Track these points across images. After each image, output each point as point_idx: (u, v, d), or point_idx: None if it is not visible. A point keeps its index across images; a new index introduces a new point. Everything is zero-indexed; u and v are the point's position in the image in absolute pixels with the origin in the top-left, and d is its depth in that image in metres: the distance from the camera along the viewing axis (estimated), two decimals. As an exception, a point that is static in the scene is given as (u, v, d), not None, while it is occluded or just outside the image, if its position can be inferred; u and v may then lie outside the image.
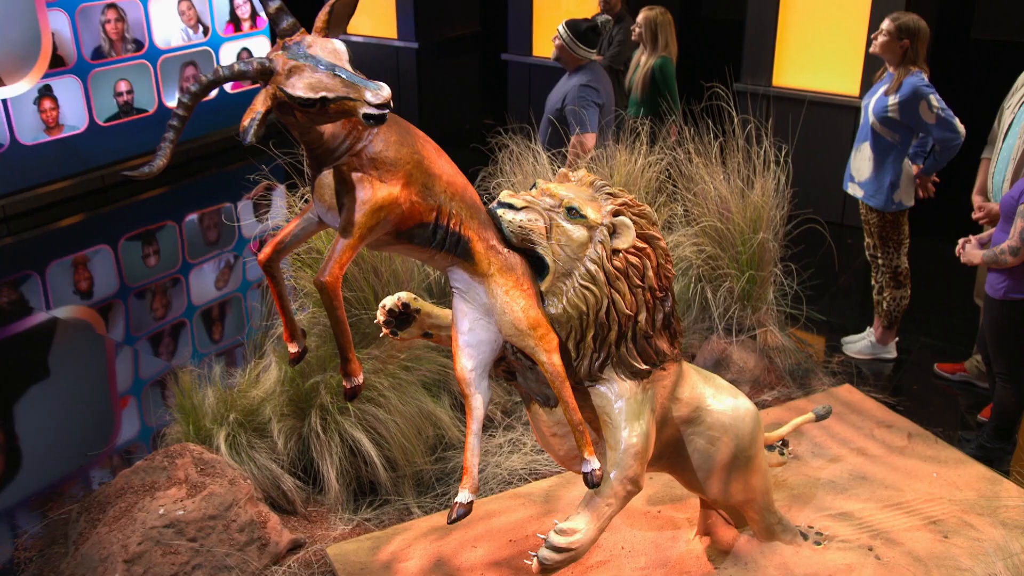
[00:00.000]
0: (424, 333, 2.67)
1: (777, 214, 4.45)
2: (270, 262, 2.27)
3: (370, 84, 1.83)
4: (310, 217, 2.26)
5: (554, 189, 2.47)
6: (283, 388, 3.69)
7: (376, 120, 1.83)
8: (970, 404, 4.62)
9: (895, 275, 4.74)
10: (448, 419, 3.96)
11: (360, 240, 2.08)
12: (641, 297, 2.48)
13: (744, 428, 2.86)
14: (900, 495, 3.51)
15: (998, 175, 4.06)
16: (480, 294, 2.37)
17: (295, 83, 1.82)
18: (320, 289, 2.07)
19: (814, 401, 4.33)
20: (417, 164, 2.15)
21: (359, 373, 2.28)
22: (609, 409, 2.52)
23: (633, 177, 4.35)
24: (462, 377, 2.41)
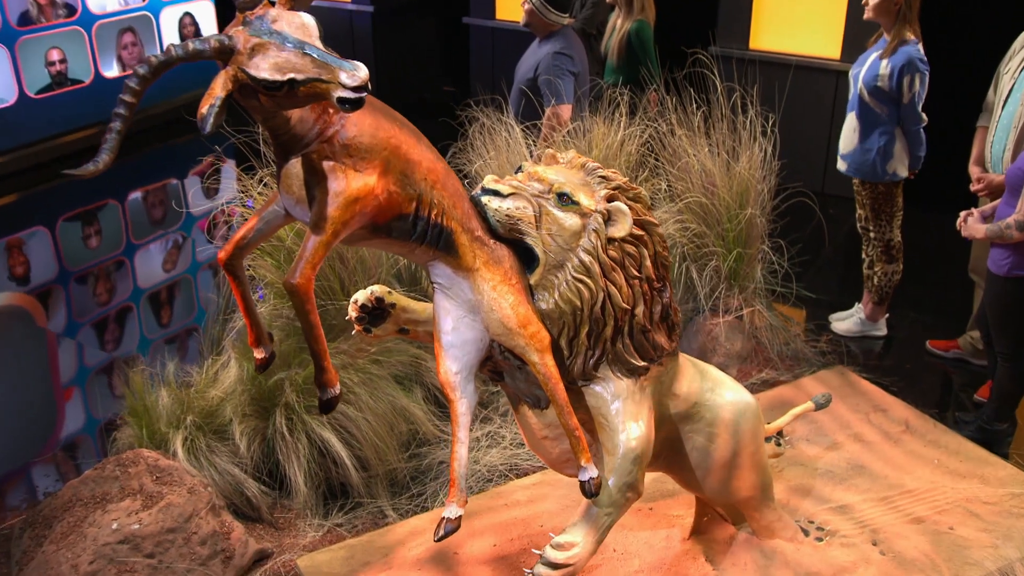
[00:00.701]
0: (400, 329, 2.56)
1: (764, 187, 4.37)
2: (232, 261, 2.12)
3: (345, 64, 1.67)
4: (275, 210, 2.11)
5: (543, 173, 2.34)
6: (244, 386, 3.55)
7: (352, 105, 1.69)
8: (964, 382, 4.61)
9: (887, 249, 4.69)
10: (422, 413, 3.85)
11: (334, 236, 1.94)
12: (638, 289, 2.37)
13: (745, 423, 2.78)
14: (902, 484, 3.47)
15: (997, 144, 4.01)
16: (464, 290, 2.24)
17: (259, 63, 1.67)
18: (290, 292, 1.93)
19: (803, 389, 4.28)
20: (395, 150, 2.01)
21: (336, 383, 2.15)
22: (605, 410, 2.42)
23: (613, 151, 4.23)
24: (446, 381, 2.29)
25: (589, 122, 4.39)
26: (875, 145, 4.43)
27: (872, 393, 4.19)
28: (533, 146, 4.38)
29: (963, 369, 4.68)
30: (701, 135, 4.34)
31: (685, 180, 4.30)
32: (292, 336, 3.62)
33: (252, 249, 2.20)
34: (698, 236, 4.33)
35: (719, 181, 4.27)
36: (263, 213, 2.12)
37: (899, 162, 4.46)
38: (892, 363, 4.77)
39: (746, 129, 4.35)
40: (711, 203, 4.29)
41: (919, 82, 4.27)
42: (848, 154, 4.58)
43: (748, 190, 4.29)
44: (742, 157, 4.30)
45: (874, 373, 4.54)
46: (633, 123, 4.39)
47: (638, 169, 4.33)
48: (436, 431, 3.90)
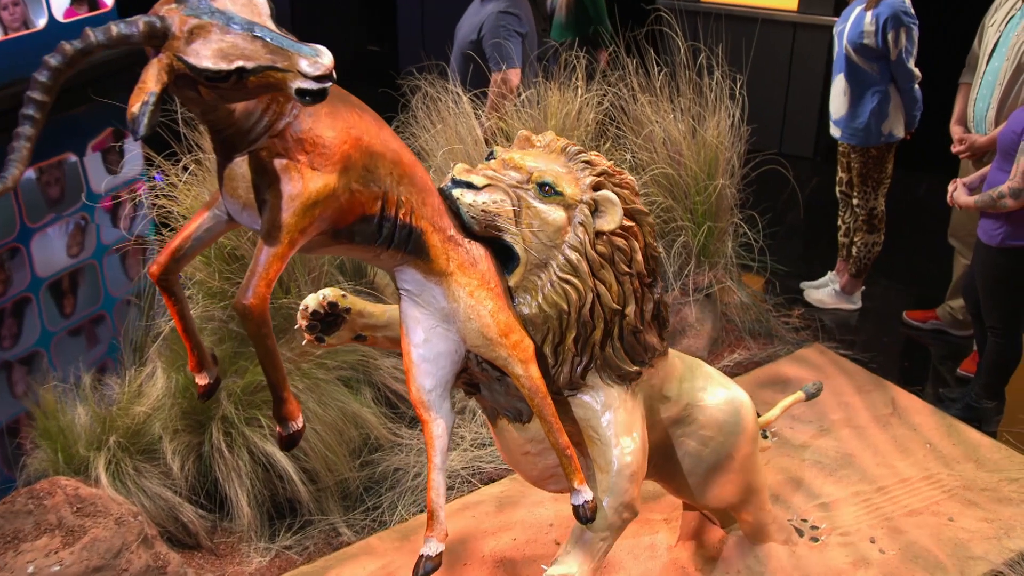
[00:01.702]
0: (356, 336, 2.39)
1: (734, 155, 4.28)
2: (166, 275, 1.91)
3: (304, 49, 1.49)
4: (216, 214, 1.91)
5: (519, 160, 2.18)
6: (174, 399, 3.36)
7: (314, 97, 1.50)
8: (944, 354, 4.63)
9: (870, 217, 4.66)
10: (373, 417, 3.73)
11: (290, 247, 1.76)
12: (628, 286, 2.25)
13: (739, 424, 2.69)
14: (894, 473, 3.45)
15: (981, 102, 3.98)
16: (437, 297, 2.09)
17: (199, 50, 1.47)
18: (242, 315, 1.74)
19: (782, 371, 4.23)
20: (356, 142, 1.83)
21: (298, 415, 1.97)
22: (595, 423, 2.30)
23: (571, 120, 4.08)
24: (419, 400, 2.14)
25: (542, 88, 4.23)
26: (868, 106, 4.38)
27: (855, 373, 4.17)
28: (482, 116, 4.22)
29: (942, 340, 4.69)
30: (665, 100, 4.22)
31: (649, 150, 4.18)
32: (227, 341, 3.42)
33: (190, 260, 2.00)
34: (665, 211, 4.22)
35: (685, 150, 4.17)
36: (201, 219, 1.92)
37: (895, 122, 4.41)
38: (868, 337, 4.77)
39: (712, 92, 4.24)
40: (678, 174, 4.18)
41: (905, 36, 4.20)
42: (840, 119, 4.52)
43: (717, 159, 4.20)
44: (709, 123, 4.20)
45: (851, 348, 4.53)
46: (591, 88, 4.24)
47: (599, 139, 4.20)
48: (389, 435, 3.78)
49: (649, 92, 4.23)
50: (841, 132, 4.59)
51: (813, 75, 6.78)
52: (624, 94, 4.23)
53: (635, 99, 4.23)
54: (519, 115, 4.09)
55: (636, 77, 4.23)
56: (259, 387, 3.39)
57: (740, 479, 2.76)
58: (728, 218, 4.35)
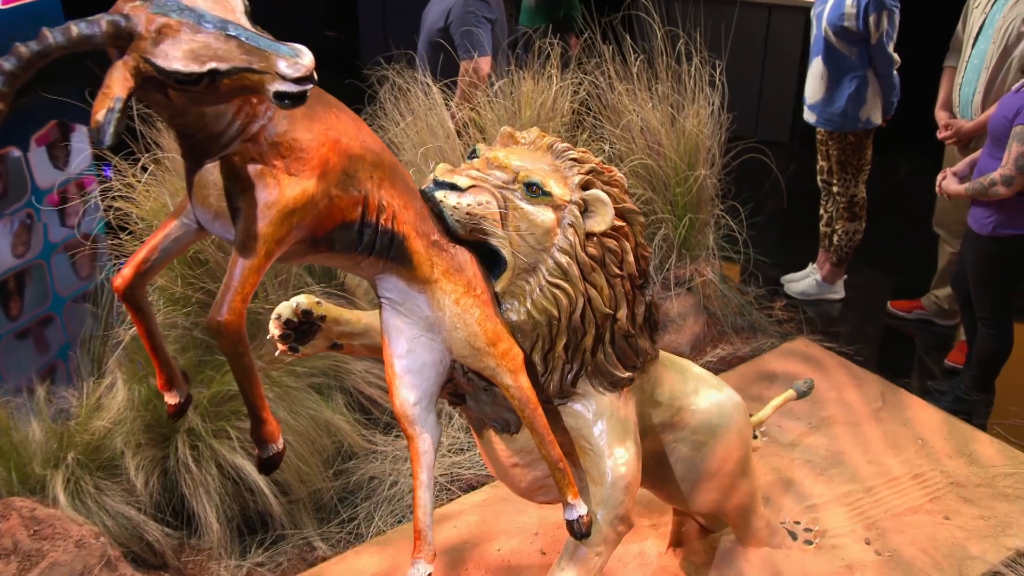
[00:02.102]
0: (332, 344, 2.34)
1: (714, 144, 4.25)
2: (131, 289, 1.84)
3: (283, 49, 1.42)
4: (185, 223, 1.84)
5: (504, 159, 2.13)
6: (136, 412, 3.28)
7: (294, 100, 1.44)
8: (930, 345, 4.65)
9: (851, 205, 4.66)
10: (346, 425, 3.68)
11: (267, 259, 1.69)
12: (620, 289, 2.21)
13: (733, 427, 2.67)
14: (886, 471, 3.45)
15: (967, 87, 3.98)
16: (421, 305, 2.03)
17: (169, 51, 1.40)
18: (216, 333, 1.67)
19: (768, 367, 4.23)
20: (334, 144, 1.77)
21: (278, 436, 1.91)
22: (587, 433, 2.26)
23: (545, 110, 4.03)
24: (403, 414, 2.08)
25: (515, 77, 4.17)
26: (846, 91, 4.37)
27: (842, 367, 4.18)
28: (453, 107, 4.16)
29: (928, 330, 4.72)
30: (642, 88, 4.18)
31: (628, 140, 4.14)
32: (191, 349, 3.35)
33: (157, 273, 1.92)
34: (645, 203, 4.19)
35: (665, 140, 4.14)
36: (169, 228, 1.85)
37: (872, 108, 4.41)
38: (853, 328, 4.78)
39: (691, 78, 4.21)
40: (657, 165, 4.15)
41: (887, 20, 4.20)
42: (816, 104, 4.51)
43: (697, 148, 4.17)
44: (688, 111, 4.17)
45: (835, 341, 4.53)
46: (565, 77, 4.19)
47: (575, 130, 4.15)
48: (363, 442, 3.73)
49: (626, 80, 4.19)
50: (816, 117, 4.58)
51: (789, 58, 6.78)
52: (601, 82, 4.18)
53: (612, 87, 4.18)
54: (492, 106, 4.03)
55: (612, 64, 4.18)
56: (226, 397, 3.32)
57: (734, 484, 2.74)
58: (709, 209, 4.33)
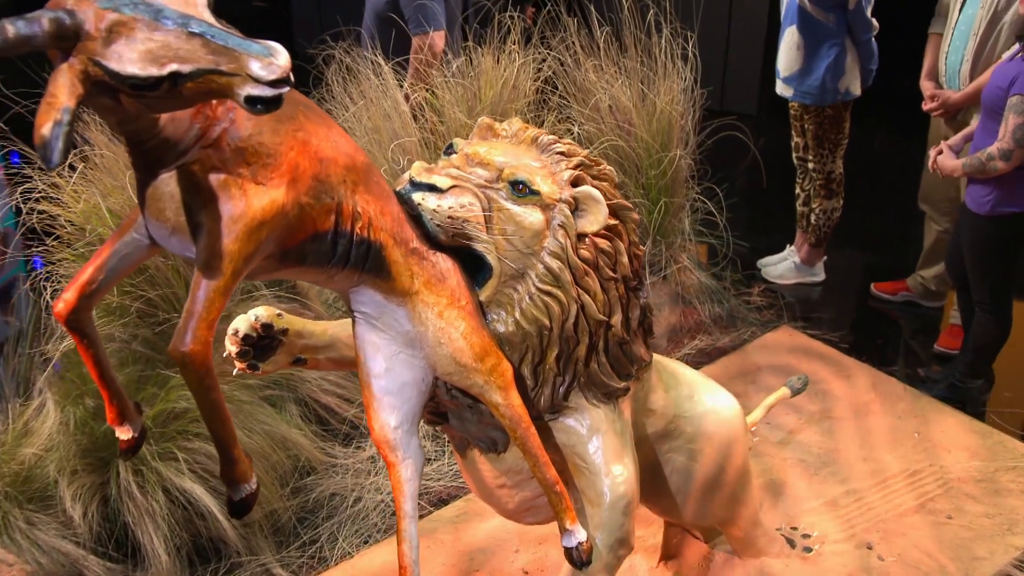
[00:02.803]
0: (295, 359, 2.25)
1: (689, 122, 4.21)
2: (76, 315, 1.72)
3: (254, 47, 1.32)
4: (136, 239, 1.72)
5: (485, 154, 2.04)
6: (70, 436, 3.15)
7: (267, 105, 1.34)
8: (916, 328, 4.68)
9: (827, 182, 4.66)
10: (303, 439, 3.59)
11: (234, 278, 1.59)
12: (614, 292, 2.14)
13: (730, 432, 2.63)
14: (884, 468, 3.45)
15: (953, 55, 3.98)
16: (400, 319, 1.95)
17: (122, 52, 1.29)
18: (181, 365, 1.57)
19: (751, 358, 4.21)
20: (303, 147, 1.67)
21: (251, 475, 1.81)
22: (582, 450, 2.20)
23: (508, 89, 3.95)
24: (383, 439, 2.00)
25: (473, 53, 4.08)
26: (823, 61, 4.34)
27: (829, 356, 4.18)
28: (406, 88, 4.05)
29: (914, 313, 4.75)
30: (611, 63, 4.12)
31: (597, 120, 4.08)
32: (130, 364, 3.23)
33: (104, 294, 1.81)
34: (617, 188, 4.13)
35: (636, 118, 4.08)
36: (117, 244, 1.73)
37: (851, 78, 4.40)
38: (836, 313, 4.79)
39: (661, 51, 4.16)
40: (628, 146, 4.10)
41: None
42: (792, 76, 4.48)
43: (671, 127, 4.12)
44: (660, 87, 4.12)
45: (819, 328, 4.54)
46: (527, 51, 4.11)
47: (540, 110, 4.08)
48: (322, 456, 3.65)
49: (593, 55, 4.13)
50: (792, 91, 4.56)
51: (755, 26, 6.78)
52: (566, 58, 4.11)
53: (578, 64, 4.11)
54: (449, 86, 3.94)
55: (578, 38, 4.11)
56: (172, 416, 3.21)
57: (732, 493, 2.71)
58: (684, 192, 4.30)
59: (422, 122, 3.89)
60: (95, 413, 3.15)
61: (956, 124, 4.07)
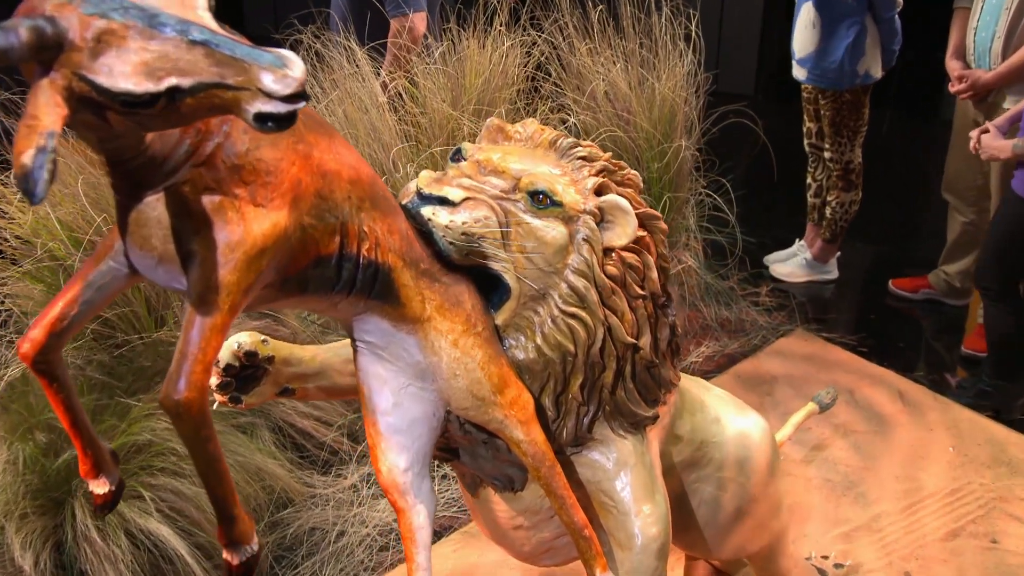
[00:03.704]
0: (282, 390, 2.18)
1: (693, 110, 4.17)
2: (45, 355, 1.63)
3: (264, 57, 1.24)
4: (113, 268, 1.64)
5: (500, 161, 1.97)
6: (19, 475, 3.05)
7: (280, 123, 1.26)
8: (940, 329, 4.67)
9: (846, 173, 4.65)
10: (278, 467, 3.52)
11: (232, 314, 1.51)
12: (643, 312, 2.08)
13: (761, 459, 2.58)
14: (918, 487, 3.42)
15: (983, 31, 3.96)
16: (409, 349, 1.88)
17: (113, 65, 1.21)
18: (174, 414, 1.49)
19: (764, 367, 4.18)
20: (305, 161, 1.59)
21: (253, 535, 1.74)
22: (609, 487, 2.14)
23: (496, 76, 3.88)
24: (392, 483, 1.93)
25: (457, 37, 4.01)
26: (842, 41, 4.32)
27: (849, 362, 4.16)
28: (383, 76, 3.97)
29: (937, 312, 4.74)
30: (607, 46, 4.07)
31: (593, 109, 4.02)
32: (86, 392, 3.13)
33: (76, 331, 1.72)
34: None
35: (636, 106, 4.03)
36: (91, 275, 1.64)
37: (872, 59, 4.38)
38: (852, 314, 4.78)
39: (662, 32, 4.12)
40: (628, 137, 4.05)
41: None
42: (807, 58, 4.46)
43: (673, 115, 4.07)
44: (661, 72, 4.07)
45: (834, 330, 4.52)
46: (514, 32, 4.04)
47: (532, 98, 4.02)
48: (299, 486, 3.58)
49: (587, 37, 4.07)
50: (807, 74, 4.54)
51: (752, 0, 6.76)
52: (558, 41, 4.05)
53: (572, 47, 4.06)
54: (431, 73, 3.86)
55: (571, 18, 4.06)
56: (135, 449, 3.13)
57: (763, 524, 2.66)
58: (689, 186, 4.26)
59: (402, 114, 3.81)
60: (46, 449, 3.06)
61: (986, 106, 4.05)
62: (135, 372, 3.23)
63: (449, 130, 3.71)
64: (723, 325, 4.53)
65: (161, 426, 3.13)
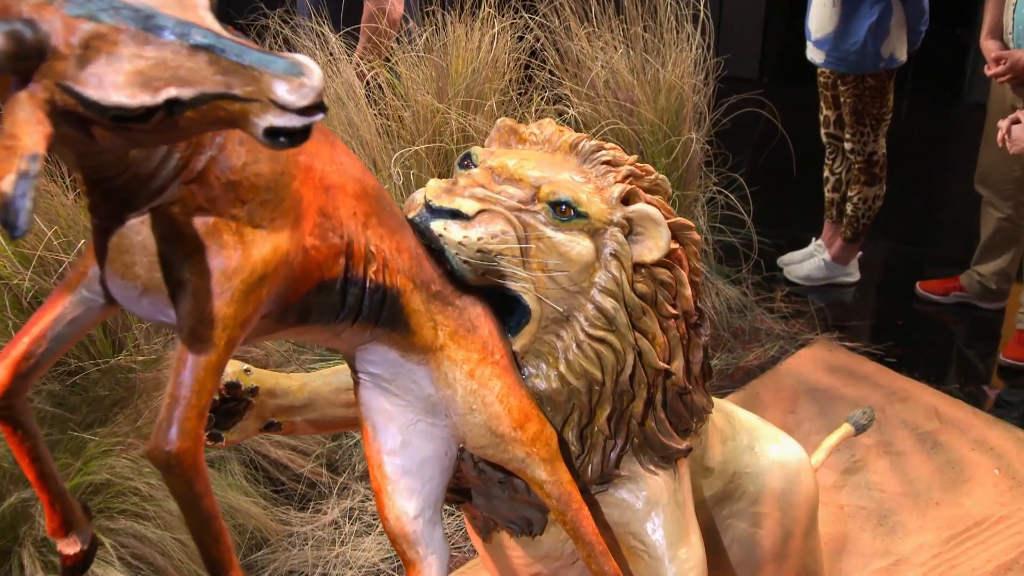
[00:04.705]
0: (267, 424, 2.14)
1: (702, 99, 4.16)
2: (8, 400, 1.56)
3: (277, 63, 1.18)
4: (87, 299, 1.58)
5: (515, 168, 1.92)
6: (-39, 520, 2.99)
7: (293, 138, 1.21)
8: (973, 336, 4.67)
9: (868, 165, 4.65)
10: (251, 505, 3.49)
11: (228, 350, 1.46)
12: (675, 333, 2.04)
13: (800, 491, 2.56)
14: (963, 515, 3.41)
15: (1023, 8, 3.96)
16: (420, 381, 1.83)
17: (103, 75, 1.15)
18: (165, 469, 1.44)
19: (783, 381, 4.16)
20: (307, 174, 1.54)
21: (250, 602, 1.69)
22: (639, 528, 2.10)
23: (485, 65, 3.85)
24: (400, 532, 1.88)
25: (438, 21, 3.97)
26: (865, 21, 4.31)
27: (877, 375, 4.16)
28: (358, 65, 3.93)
29: (971, 318, 4.75)
30: (608, 29, 4.05)
31: (593, 99, 4.00)
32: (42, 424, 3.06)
33: (43, 373, 1.66)
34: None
35: (640, 95, 4.01)
36: (61, 307, 1.59)
37: (897, 41, 4.38)
38: (877, 321, 4.78)
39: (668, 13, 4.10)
40: (632, 130, 4.02)
41: None
42: (824, 39, 4.45)
43: (682, 105, 4.06)
44: (668, 57, 4.05)
45: (858, 339, 4.52)
46: (503, 15, 4.01)
47: (525, 86, 3.99)
48: (275, 524, 3.56)
49: (586, 20, 4.06)
50: (825, 56, 4.54)
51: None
52: (555, 24, 4.03)
53: (569, 31, 4.04)
54: (413, 62, 3.82)
55: (568, 0, 4.05)
56: (90, 489, 3.07)
57: (801, 563, 2.64)
58: (699, 183, 4.24)
59: (382, 107, 3.77)
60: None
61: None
62: (90, 403, 3.17)
63: (435, 125, 3.67)
64: (736, 335, 4.52)
65: (121, 464, 3.08)
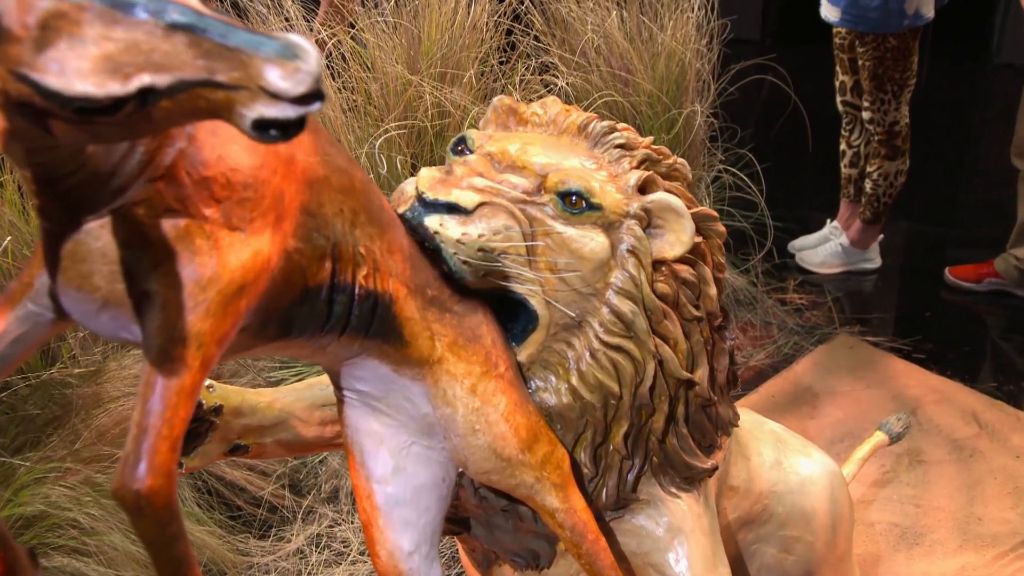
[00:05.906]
0: (233, 447, 2.13)
1: (706, 66, 4.16)
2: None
3: (268, 46, 1.15)
4: (34, 313, 1.55)
5: (518, 153, 1.90)
6: None
7: (286, 131, 1.18)
8: (1009, 327, 4.69)
9: (890, 136, 4.66)
10: (205, 534, 3.48)
11: (204, 371, 1.43)
12: (698, 337, 2.03)
13: (834, 511, 2.59)
14: (1010, 531, 3.42)
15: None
16: (414, 399, 1.81)
17: (65, 61, 1.12)
18: (134, 508, 1.41)
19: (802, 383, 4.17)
20: (288, 167, 1.51)
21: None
22: (660, 559, 2.10)
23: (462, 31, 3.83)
24: (394, 571, 1.87)
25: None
26: None
27: (906, 373, 4.17)
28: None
29: (1007, 307, 4.77)
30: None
31: (585, 69, 4.00)
32: None
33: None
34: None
35: (637, 63, 4.01)
36: (2, 324, 1.56)
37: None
38: (902, 312, 4.81)
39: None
40: (628, 102, 4.02)
41: None
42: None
43: (683, 73, 4.06)
44: (667, 21, 4.06)
45: (882, 333, 4.54)
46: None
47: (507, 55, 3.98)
48: (232, 554, 3.55)
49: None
50: (841, 14, 4.54)
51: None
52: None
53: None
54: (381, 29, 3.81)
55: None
56: (21, 523, 3.06)
57: (834, 588, 2.66)
58: (703, 160, 4.25)
59: (346, 79, 3.75)
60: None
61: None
62: (20, 423, 3.16)
63: (407, 99, 3.65)
64: (745, 331, 4.54)
65: (56, 492, 3.07)
